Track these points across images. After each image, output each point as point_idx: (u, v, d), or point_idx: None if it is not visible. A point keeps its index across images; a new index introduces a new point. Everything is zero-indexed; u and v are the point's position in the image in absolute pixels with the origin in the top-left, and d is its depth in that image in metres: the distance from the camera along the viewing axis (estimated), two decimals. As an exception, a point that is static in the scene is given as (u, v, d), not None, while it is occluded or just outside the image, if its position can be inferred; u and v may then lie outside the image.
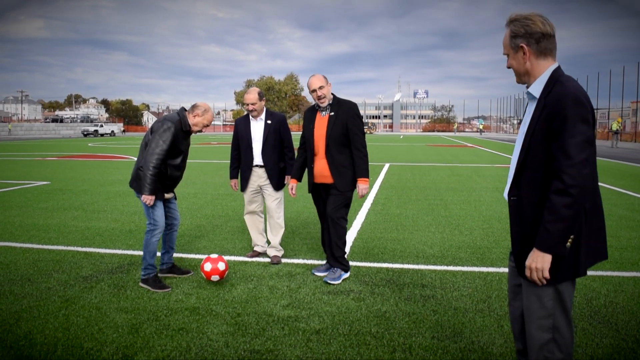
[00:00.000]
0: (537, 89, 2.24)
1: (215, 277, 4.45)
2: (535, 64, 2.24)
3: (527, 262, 2.19)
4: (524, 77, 2.31)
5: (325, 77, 4.65)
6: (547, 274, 2.14)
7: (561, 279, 2.19)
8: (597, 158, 15.94)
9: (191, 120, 4.57)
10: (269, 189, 5.31)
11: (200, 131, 4.69)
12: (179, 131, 4.46)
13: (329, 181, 4.66)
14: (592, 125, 2.10)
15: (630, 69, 48.20)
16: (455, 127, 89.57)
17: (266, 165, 5.26)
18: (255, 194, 5.38)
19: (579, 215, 2.10)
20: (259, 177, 5.31)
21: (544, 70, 2.24)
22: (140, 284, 4.49)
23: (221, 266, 4.46)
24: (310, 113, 4.82)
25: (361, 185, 4.59)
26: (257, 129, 5.29)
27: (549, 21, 2.23)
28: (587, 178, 2.06)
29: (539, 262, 2.13)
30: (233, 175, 5.54)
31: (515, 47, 2.25)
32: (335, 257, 4.67)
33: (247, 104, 5.22)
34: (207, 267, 4.45)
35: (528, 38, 2.21)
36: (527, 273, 2.20)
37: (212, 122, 5.05)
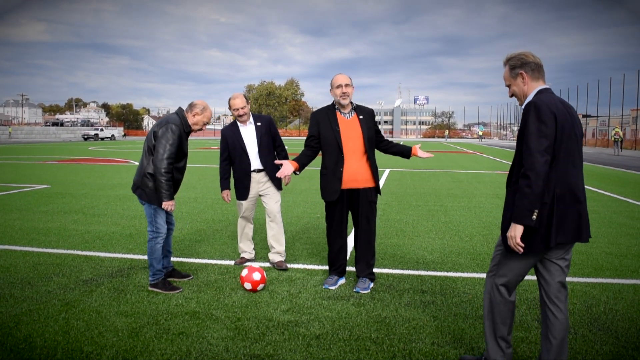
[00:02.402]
0: (526, 103, 2.81)
1: (260, 287, 4.48)
2: (530, 86, 2.85)
3: (507, 233, 2.75)
4: (523, 98, 2.88)
5: (350, 78, 4.58)
6: (519, 241, 2.69)
7: (537, 250, 2.74)
8: (598, 165, 15.86)
9: (190, 119, 4.54)
10: (270, 192, 5.23)
11: (200, 129, 4.67)
12: (182, 132, 4.46)
13: (359, 186, 4.53)
14: (554, 126, 2.65)
15: (631, 76, 48.43)
16: (446, 133, 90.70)
17: (265, 168, 5.19)
18: (253, 201, 5.31)
19: (538, 193, 2.62)
20: (257, 182, 5.22)
21: (532, 91, 2.84)
22: (150, 288, 4.50)
23: (256, 276, 4.43)
24: (327, 114, 4.58)
25: (422, 153, 4.70)
26: (249, 133, 5.19)
27: (536, 55, 2.87)
28: (543, 164, 2.61)
29: (512, 231, 2.70)
30: (225, 186, 5.32)
31: (516, 75, 2.87)
32: (369, 270, 4.65)
33: (237, 109, 5.09)
34: (248, 286, 4.43)
35: (525, 67, 2.84)
36: (508, 242, 2.75)
37: (213, 127, 5.05)
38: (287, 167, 4.46)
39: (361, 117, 4.57)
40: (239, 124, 5.23)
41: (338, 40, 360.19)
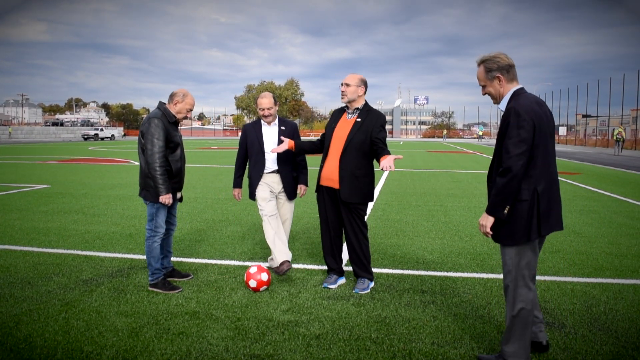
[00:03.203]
0: (503, 104, 3.04)
1: (263, 288, 4.48)
2: (506, 88, 3.06)
3: (479, 220, 3.06)
4: (499, 99, 3.10)
5: (361, 79, 4.54)
6: (489, 230, 3.01)
7: (519, 241, 2.97)
8: (598, 165, 15.85)
9: (173, 109, 4.52)
10: (282, 198, 5.10)
11: (185, 117, 4.63)
12: (167, 124, 4.43)
13: (336, 186, 4.52)
14: (533, 130, 2.87)
15: (631, 76, 48.38)
16: (444, 133, 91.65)
17: (281, 173, 5.03)
18: (272, 195, 5.03)
19: (513, 192, 2.90)
20: (275, 183, 5.05)
21: (508, 92, 3.04)
22: (150, 289, 4.50)
23: (264, 277, 4.46)
24: (338, 113, 4.70)
25: (385, 161, 4.15)
26: (271, 134, 5.06)
27: (509, 56, 3.06)
28: (521, 167, 2.87)
29: (484, 220, 3.02)
30: (237, 184, 5.20)
31: (492, 78, 3.06)
32: (364, 269, 4.62)
33: (262, 109, 4.97)
34: (252, 284, 4.45)
35: (501, 70, 3.03)
36: (479, 229, 3.06)
37: (213, 127, 5.03)
38: (282, 145, 4.74)
39: (359, 119, 4.51)
40: (262, 123, 5.12)
41: (338, 40, 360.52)
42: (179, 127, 4.79)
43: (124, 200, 9.92)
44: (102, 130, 61.97)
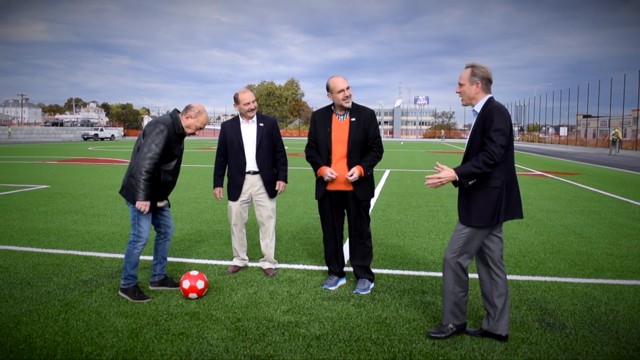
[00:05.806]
0: (478, 107, 3.49)
1: (193, 295, 4.27)
2: (480, 95, 3.51)
3: (440, 174, 3.38)
4: (471, 101, 3.54)
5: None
6: (442, 182, 3.37)
7: (486, 224, 3.39)
8: (599, 166, 15.83)
9: (184, 122, 4.34)
10: (263, 198, 5.02)
11: (193, 134, 4.47)
12: (172, 134, 4.24)
13: (347, 188, 4.51)
14: (509, 128, 3.39)
15: (632, 77, 48.32)
16: (442, 133, 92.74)
17: (261, 171, 4.97)
18: (245, 203, 5.08)
19: (485, 173, 3.31)
20: (252, 184, 5.00)
21: (482, 98, 3.51)
22: (119, 293, 4.34)
23: (200, 284, 4.27)
24: (325, 115, 4.61)
25: (357, 171, 4.39)
26: (249, 132, 4.97)
27: (492, 73, 3.54)
28: (499, 155, 3.29)
29: (444, 174, 3.37)
30: (218, 183, 5.14)
31: (472, 82, 3.50)
32: (365, 270, 4.62)
33: (248, 103, 4.87)
34: (186, 284, 4.26)
35: (482, 79, 3.49)
36: (432, 180, 3.40)
37: (213, 127, 4.97)
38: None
39: (353, 119, 4.51)
40: (241, 120, 5.01)
41: (340, 40, 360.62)
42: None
43: (123, 200, 9.88)
44: (102, 130, 61.91)
